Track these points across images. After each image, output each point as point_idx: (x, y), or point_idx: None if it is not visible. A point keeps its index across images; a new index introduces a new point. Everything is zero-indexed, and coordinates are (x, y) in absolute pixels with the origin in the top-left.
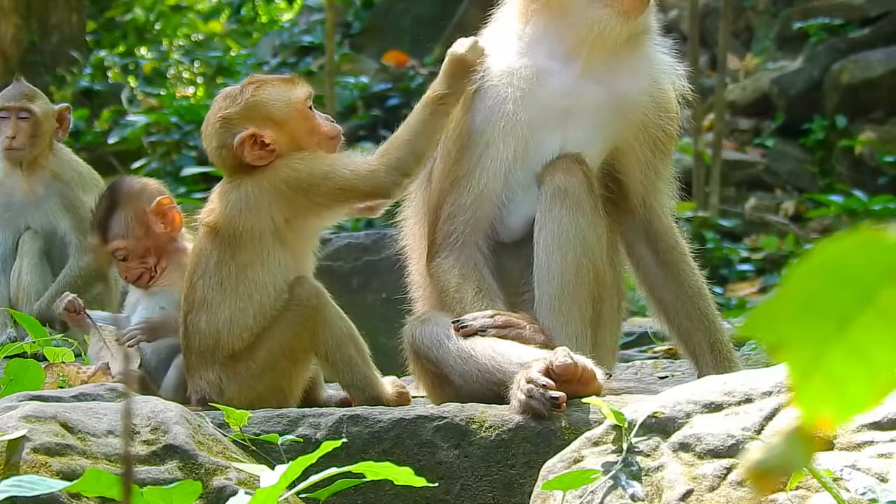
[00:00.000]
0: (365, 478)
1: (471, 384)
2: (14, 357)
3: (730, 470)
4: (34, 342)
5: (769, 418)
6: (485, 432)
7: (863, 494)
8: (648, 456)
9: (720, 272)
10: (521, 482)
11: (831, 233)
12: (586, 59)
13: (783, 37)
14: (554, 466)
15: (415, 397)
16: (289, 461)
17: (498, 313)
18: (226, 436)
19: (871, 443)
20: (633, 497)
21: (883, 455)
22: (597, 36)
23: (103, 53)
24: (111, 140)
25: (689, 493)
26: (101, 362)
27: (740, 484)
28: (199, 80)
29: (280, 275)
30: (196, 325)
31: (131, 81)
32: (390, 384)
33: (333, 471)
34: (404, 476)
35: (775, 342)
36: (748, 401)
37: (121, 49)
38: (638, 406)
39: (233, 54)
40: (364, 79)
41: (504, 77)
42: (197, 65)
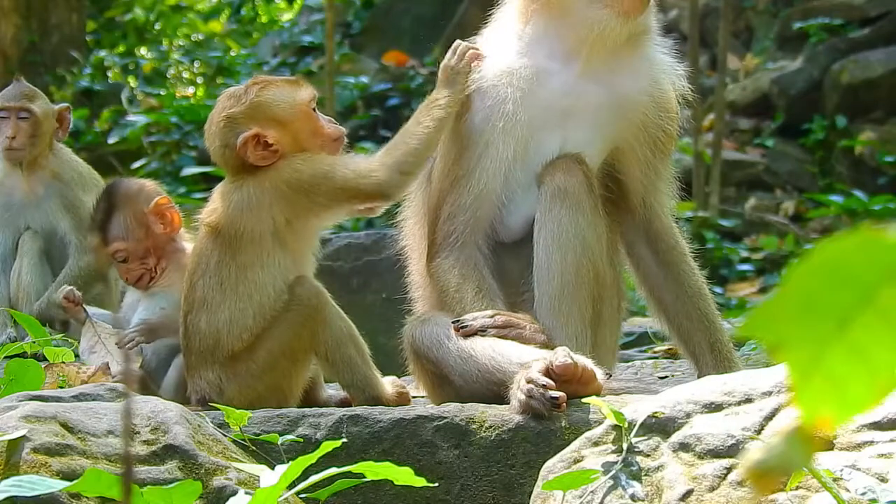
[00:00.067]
0: (365, 478)
1: (471, 384)
2: (14, 357)
3: (730, 470)
4: (34, 342)
5: (769, 418)
6: (485, 432)
7: (863, 494)
8: (648, 456)
9: (720, 272)
10: (521, 482)
11: (831, 233)
12: (586, 59)
13: (783, 37)
14: (554, 466)
15: (415, 397)
16: (289, 461)
17: (498, 313)
18: (226, 436)
19: (871, 443)
20: (633, 497)
21: (883, 455)
22: (597, 36)
23: (103, 53)
24: (111, 140)
25: (689, 493)
26: (95, 358)
27: (740, 484)
28: (199, 80)
29: (280, 276)
30: (196, 326)
31: (131, 81)
32: (390, 384)
33: (333, 471)
34: (404, 476)
35: (775, 342)
36: (748, 401)
37: (121, 49)
38: (638, 406)
39: (233, 54)
40: (364, 79)
41: (504, 77)
42: (197, 65)
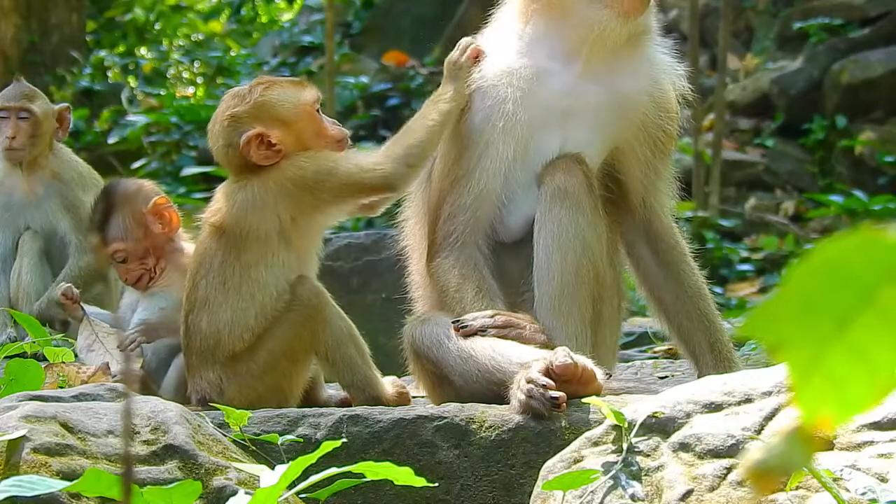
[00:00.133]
0: (365, 478)
1: (471, 384)
2: (14, 357)
3: (730, 470)
4: (34, 342)
5: (769, 418)
6: (485, 432)
7: (863, 494)
8: (648, 456)
9: (720, 272)
10: (521, 482)
11: (831, 233)
12: (586, 60)
13: (783, 37)
14: (554, 466)
15: (415, 397)
16: (289, 461)
17: (498, 313)
18: (226, 436)
19: (871, 443)
20: (633, 497)
21: (883, 455)
22: (597, 36)
23: (103, 53)
24: (111, 140)
25: (689, 493)
26: (93, 356)
27: (740, 484)
28: (199, 80)
29: (283, 275)
30: (197, 325)
31: (131, 81)
32: (390, 384)
33: (333, 471)
34: (404, 476)
35: (775, 342)
36: (748, 401)
37: (121, 49)
38: (638, 406)
39: (233, 54)
40: (364, 79)
41: (504, 77)
42: (197, 65)
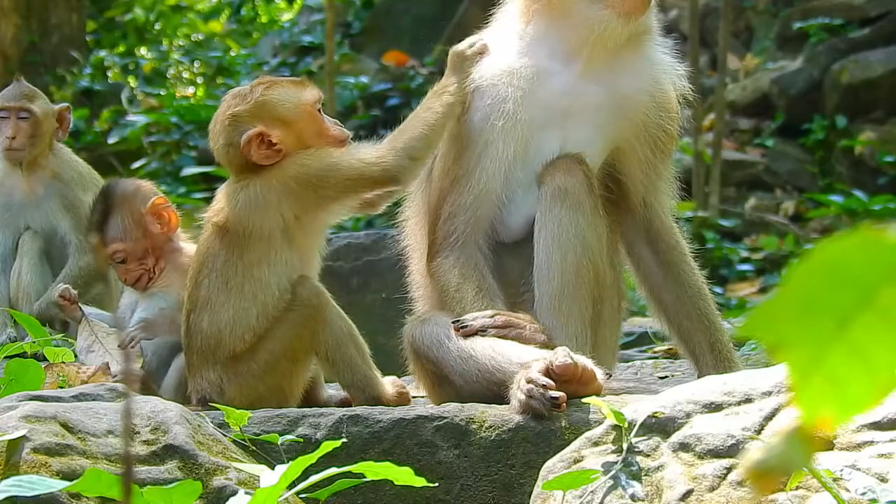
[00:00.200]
0: (365, 478)
1: (471, 384)
2: (14, 357)
3: (730, 470)
4: (34, 342)
5: (769, 418)
6: (485, 432)
7: (863, 494)
8: (648, 456)
9: (720, 272)
10: (521, 482)
11: (831, 233)
12: (587, 60)
13: (783, 37)
14: (554, 466)
15: (415, 397)
16: (289, 461)
17: (498, 313)
18: (226, 436)
19: (871, 443)
20: (633, 497)
21: (883, 455)
22: (598, 36)
23: (103, 53)
24: (111, 140)
25: (689, 493)
26: (92, 357)
27: (740, 484)
28: (199, 80)
29: (285, 274)
30: (198, 325)
31: (131, 81)
32: (390, 384)
33: (333, 471)
34: (404, 476)
35: (775, 342)
36: (748, 401)
37: (121, 49)
38: (638, 406)
39: (233, 54)
40: (364, 79)
41: (504, 76)
42: (197, 65)
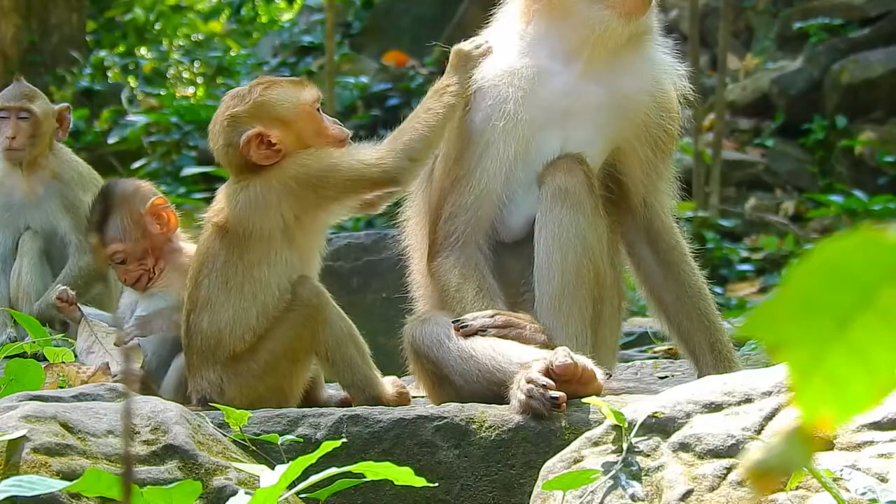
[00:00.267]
0: (365, 478)
1: (471, 384)
2: (14, 357)
3: (730, 470)
4: (34, 342)
5: (769, 418)
6: (485, 432)
7: (863, 494)
8: (648, 456)
9: (720, 272)
10: (521, 482)
11: (831, 233)
12: (588, 60)
13: (783, 37)
14: (554, 466)
15: (415, 397)
16: (289, 461)
17: (498, 313)
18: (226, 436)
19: (871, 443)
20: (633, 497)
21: (883, 455)
22: (598, 36)
23: (103, 53)
24: (111, 140)
25: (689, 493)
26: (92, 358)
27: (740, 484)
28: (199, 80)
29: (285, 274)
30: (198, 325)
31: (131, 81)
32: (390, 384)
33: (333, 471)
34: (404, 476)
35: (775, 342)
36: (748, 401)
37: (121, 49)
38: (638, 406)
39: (233, 54)
40: (364, 79)
41: (505, 77)
42: (197, 65)
